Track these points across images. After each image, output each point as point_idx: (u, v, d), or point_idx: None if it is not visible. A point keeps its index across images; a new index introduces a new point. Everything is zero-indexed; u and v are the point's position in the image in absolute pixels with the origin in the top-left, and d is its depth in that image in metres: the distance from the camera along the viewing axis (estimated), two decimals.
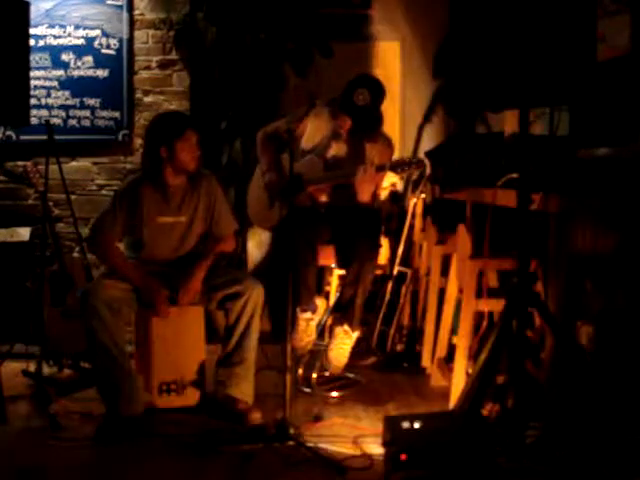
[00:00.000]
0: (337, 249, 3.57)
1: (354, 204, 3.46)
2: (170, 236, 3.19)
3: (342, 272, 3.68)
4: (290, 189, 3.08)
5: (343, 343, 3.43)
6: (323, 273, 4.04)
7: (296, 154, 3.41)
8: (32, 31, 3.75)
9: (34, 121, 4.29)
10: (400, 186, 4.65)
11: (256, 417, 3.03)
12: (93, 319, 2.92)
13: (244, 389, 3.10)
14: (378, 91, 3.43)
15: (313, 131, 3.60)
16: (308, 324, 3.43)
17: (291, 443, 2.75)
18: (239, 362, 3.10)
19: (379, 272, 4.11)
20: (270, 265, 4.52)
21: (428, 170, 4.01)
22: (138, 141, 4.54)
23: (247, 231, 4.55)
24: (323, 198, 3.56)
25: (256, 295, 3.10)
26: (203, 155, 3.25)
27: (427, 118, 4.84)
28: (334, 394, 3.45)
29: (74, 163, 4.59)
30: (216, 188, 3.28)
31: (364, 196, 3.42)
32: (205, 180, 3.25)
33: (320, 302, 3.72)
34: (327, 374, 3.53)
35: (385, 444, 2.58)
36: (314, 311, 3.48)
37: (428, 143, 4.66)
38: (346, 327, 3.43)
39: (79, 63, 4.52)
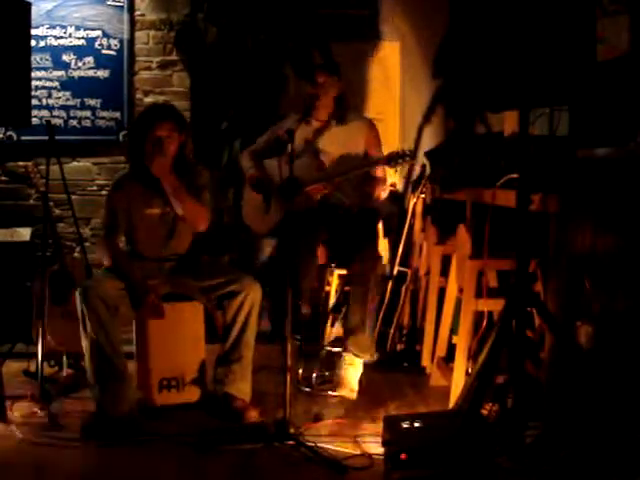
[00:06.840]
0: (331, 248, 3.58)
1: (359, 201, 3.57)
2: (159, 228, 3.21)
3: (342, 272, 3.69)
4: (288, 190, 3.07)
5: (349, 368, 3.43)
6: (323, 273, 4.04)
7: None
8: (33, 32, 3.74)
9: (35, 121, 4.30)
10: (400, 186, 4.66)
11: (253, 415, 3.05)
12: (90, 316, 2.92)
13: (241, 387, 3.12)
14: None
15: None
16: None
17: (291, 442, 2.75)
18: (236, 360, 3.11)
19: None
20: (272, 267, 4.52)
21: (428, 170, 4.02)
22: None
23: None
24: (318, 197, 3.56)
25: (253, 294, 3.11)
26: (203, 155, 3.26)
27: (427, 118, 4.84)
28: (334, 394, 3.45)
29: (75, 163, 4.60)
30: (205, 180, 3.29)
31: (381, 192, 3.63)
32: (195, 171, 3.26)
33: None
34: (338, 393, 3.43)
35: (385, 444, 2.58)
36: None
37: (428, 143, 4.65)
38: (351, 355, 3.43)
39: (80, 64, 4.53)
